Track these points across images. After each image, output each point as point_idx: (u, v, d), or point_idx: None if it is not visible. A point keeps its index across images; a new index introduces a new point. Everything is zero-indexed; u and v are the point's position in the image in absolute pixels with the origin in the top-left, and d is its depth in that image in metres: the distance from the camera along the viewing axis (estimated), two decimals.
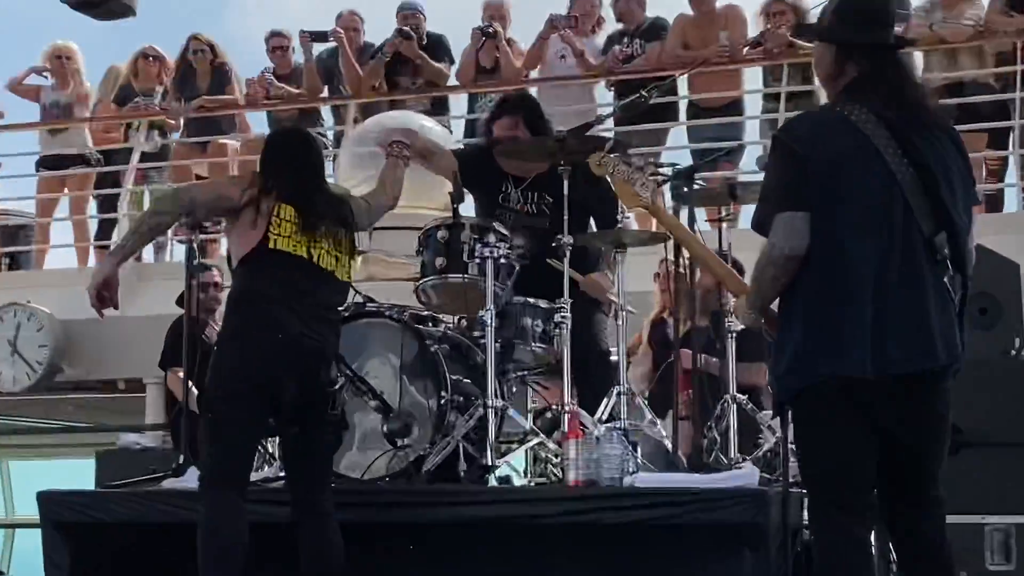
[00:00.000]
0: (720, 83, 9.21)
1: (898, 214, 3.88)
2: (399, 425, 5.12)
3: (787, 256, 3.86)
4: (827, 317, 3.84)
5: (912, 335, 3.83)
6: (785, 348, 3.90)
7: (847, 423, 3.85)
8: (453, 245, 5.41)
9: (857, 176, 3.88)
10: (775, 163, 4.00)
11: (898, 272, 3.85)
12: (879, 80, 3.98)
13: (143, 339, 9.38)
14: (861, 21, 4.04)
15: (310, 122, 10.23)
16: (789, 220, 3.86)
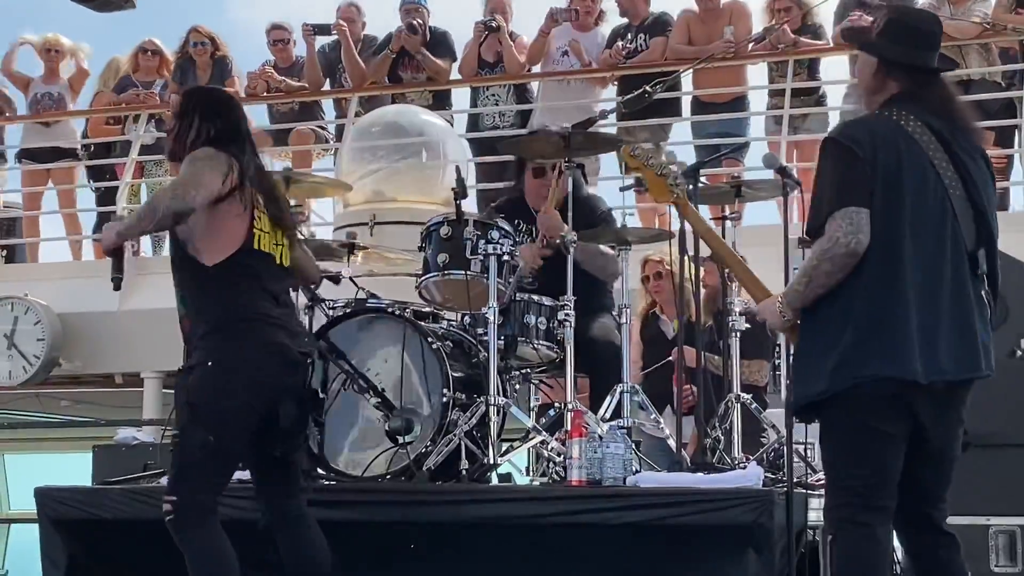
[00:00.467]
0: (724, 79, 9.16)
1: (949, 225, 3.94)
2: (401, 423, 5.07)
3: (849, 251, 3.85)
4: (881, 319, 3.84)
5: (960, 344, 3.89)
6: (830, 348, 3.87)
7: (889, 425, 3.87)
8: (456, 241, 5.36)
9: (913, 183, 3.91)
10: (832, 164, 3.97)
11: (949, 281, 3.90)
12: (923, 96, 4.04)
13: (141, 333, 9.36)
14: (906, 40, 4.09)
15: (311, 115, 10.20)
16: (854, 215, 3.86)
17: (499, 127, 9.50)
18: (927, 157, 3.96)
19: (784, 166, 5.31)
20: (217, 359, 4.26)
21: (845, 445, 3.91)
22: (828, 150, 4.02)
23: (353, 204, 8.80)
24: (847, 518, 3.89)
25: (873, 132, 3.97)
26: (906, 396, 3.84)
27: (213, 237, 4.30)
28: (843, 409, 3.88)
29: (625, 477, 4.76)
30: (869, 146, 3.91)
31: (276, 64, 10.29)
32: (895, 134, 3.96)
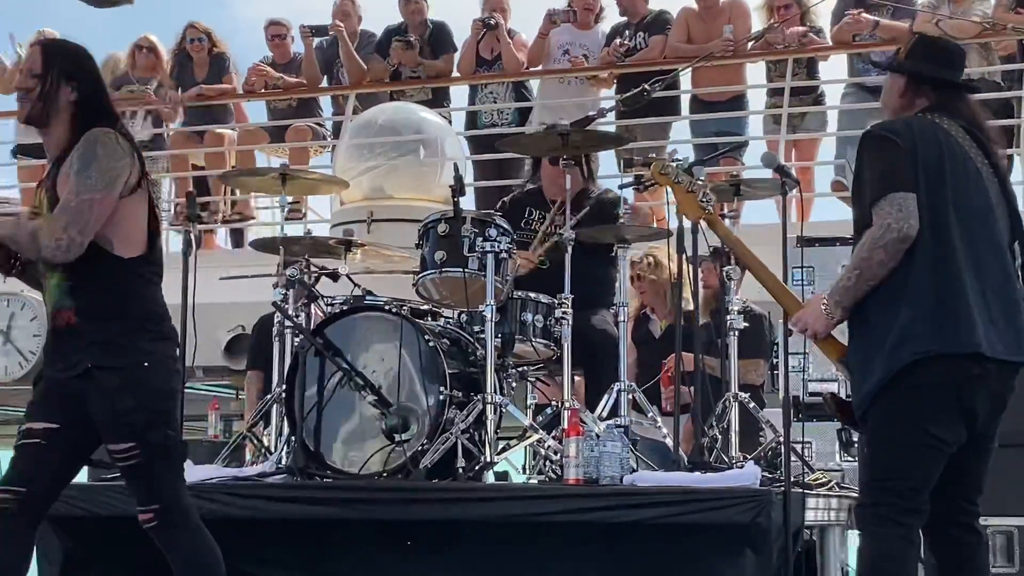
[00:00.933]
0: (723, 77, 9.15)
1: (991, 216, 4.01)
2: (397, 420, 5.06)
3: (902, 236, 3.88)
4: (938, 297, 3.87)
5: (1009, 325, 3.94)
6: (885, 334, 3.88)
7: (944, 431, 3.89)
8: (453, 239, 5.35)
9: (954, 173, 3.98)
10: (875, 155, 4.01)
11: (994, 269, 3.96)
12: (950, 109, 4.13)
13: None
14: (934, 59, 4.21)
15: (309, 112, 10.18)
16: (902, 200, 3.89)
17: (497, 125, 9.49)
18: (965, 151, 4.04)
19: (783, 165, 5.30)
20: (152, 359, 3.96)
21: (896, 447, 3.91)
22: (868, 143, 4.06)
23: (350, 201, 8.79)
24: (887, 517, 3.89)
25: (910, 126, 4.04)
26: (966, 385, 3.85)
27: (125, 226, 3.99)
28: (898, 404, 3.88)
29: (622, 476, 4.74)
30: (908, 138, 3.98)
31: (274, 60, 10.28)
32: (933, 129, 4.04)
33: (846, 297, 4.00)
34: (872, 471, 3.98)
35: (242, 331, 8.89)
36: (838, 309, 4.02)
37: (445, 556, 4.84)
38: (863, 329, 3.99)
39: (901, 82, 4.20)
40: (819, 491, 4.90)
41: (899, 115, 4.18)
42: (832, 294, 4.05)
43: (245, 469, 5.48)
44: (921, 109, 4.14)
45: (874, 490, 3.95)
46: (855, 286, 3.96)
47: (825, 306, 4.05)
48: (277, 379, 5.69)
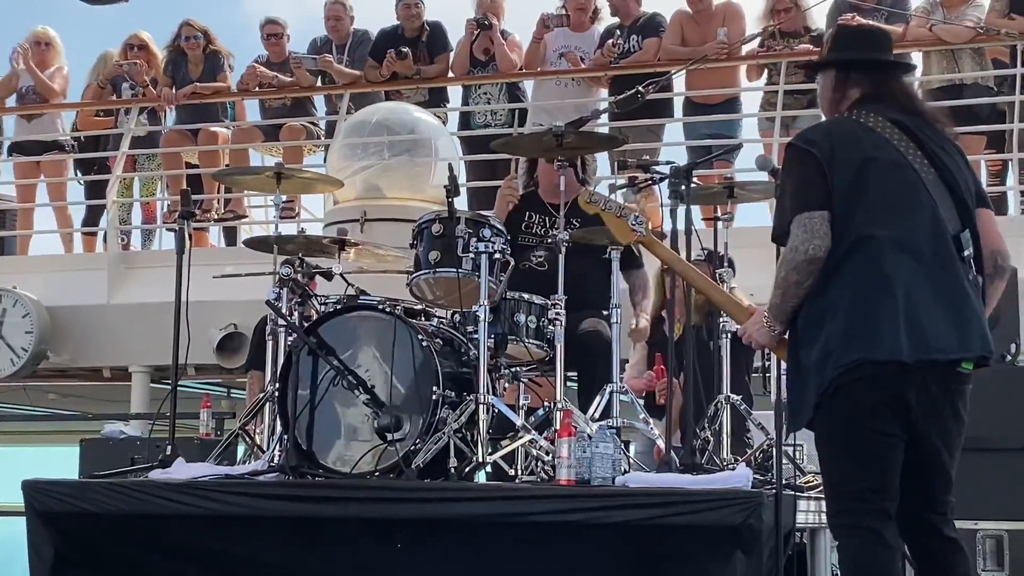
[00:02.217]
0: (717, 80, 9.17)
1: (925, 210, 3.92)
2: (390, 420, 5.06)
3: (809, 258, 3.86)
4: (863, 307, 3.83)
5: (953, 325, 3.85)
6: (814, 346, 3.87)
7: (883, 424, 3.84)
8: (447, 239, 5.36)
9: (880, 174, 3.92)
10: (790, 169, 4.00)
11: (933, 264, 3.87)
12: (884, 94, 4.07)
13: (130, 327, 9.35)
14: (857, 45, 4.18)
15: (303, 111, 10.18)
16: (808, 220, 3.87)
17: (490, 125, 9.51)
18: (892, 146, 3.96)
19: (777, 168, 5.30)
20: None
21: (841, 448, 3.88)
22: (787, 155, 4.04)
23: (344, 200, 8.79)
24: (851, 525, 3.86)
25: (829, 131, 4.01)
26: (896, 384, 3.81)
27: None
28: (835, 409, 3.86)
29: (614, 477, 4.75)
30: (826, 145, 3.93)
31: (268, 59, 10.28)
32: (853, 129, 3.99)
33: (779, 313, 4.00)
34: (828, 478, 3.96)
35: (234, 329, 8.90)
36: (777, 323, 4.02)
37: (436, 556, 4.84)
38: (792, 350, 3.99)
39: (831, 76, 4.14)
40: (810, 493, 4.90)
41: (833, 112, 4.13)
42: (769, 308, 4.05)
43: (237, 467, 5.48)
44: (854, 101, 4.07)
45: (833, 499, 3.93)
46: (781, 304, 3.97)
47: (766, 319, 4.06)
48: (270, 377, 5.70)
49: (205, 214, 10.04)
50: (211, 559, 5.07)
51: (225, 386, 11.11)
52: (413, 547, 4.84)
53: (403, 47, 9.66)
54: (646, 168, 5.71)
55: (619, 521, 4.49)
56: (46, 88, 10.48)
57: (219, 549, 5.05)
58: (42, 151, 10.57)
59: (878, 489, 3.85)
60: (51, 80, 10.53)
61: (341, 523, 4.82)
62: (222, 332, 8.90)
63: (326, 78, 10.16)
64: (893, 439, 3.86)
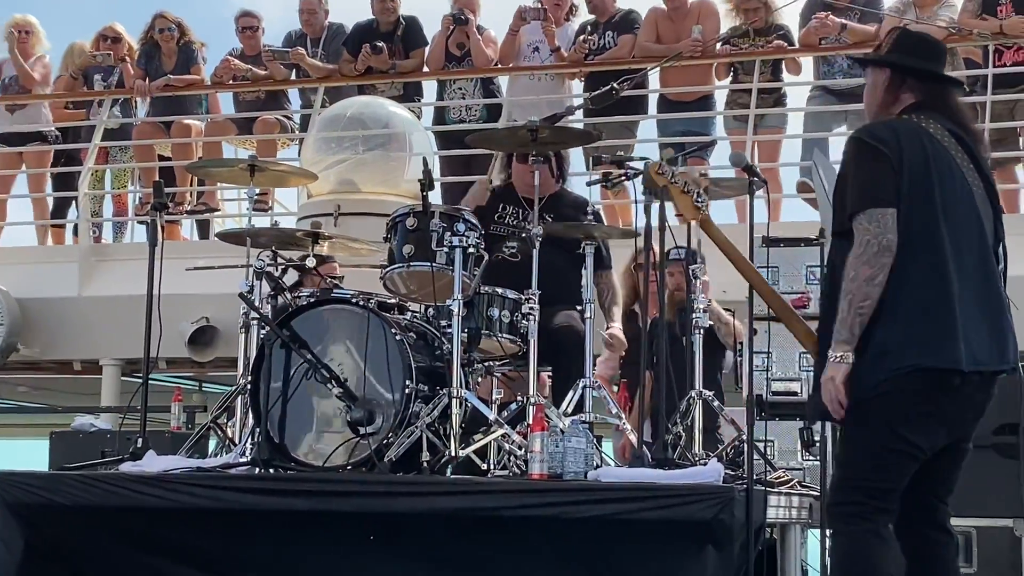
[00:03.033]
0: (691, 77, 9.19)
1: (976, 221, 3.99)
2: (362, 413, 5.06)
3: (882, 248, 3.85)
4: (925, 310, 3.85)
5: (991, 334, 3.92)
6: (868, 343, 3.86)
7: (921, 438, 3.88)
8: (421, 233, 5.35)
9: (941, 178, 3.95)
10: (857, 163, 3.98)
11: (981, 274, 3.94)
12: (938, 105, 4.09)
13: (101, 320, 9.31)
14: (917, 52, 4.17)
15: (277, 104, 10.16)
16: (880, 216, 3.86)
17: (465, 121, 9.51)
18: (950, 155, 4.00)
19: (751, 165, 5.33)
20: None
21: (871, 451, 3.90)
22: (853, 150, 4.02)
23: (318, 194, 8.78)
24: (855, 515, 3.89)
25: (896, 131, 4.00)
26: (944, 397, 3.85)
27: None
28: (878, 411, 3.86)
29: (586, 471, 4.76)
30: (895, 144, 3.93)
31: (243, 52, 10.25)
32: (917, 133, 4.00)
33: (846, 330, 3.90)
34: (845, 471, 3.99)
35: (206, 323, 8.88)
36: (845, 348, 3.90)
37: (408, 549, 4.84)
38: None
39: (885, 76, 4.14)
40: (781, 489, 4.93)
41: (882, 113, 4.13)
42: (837, 338, 3.91)
43: (209, 460, 5.47)
44: (906, 106, 4.10)
45: (845, 489, 3.95)
46: (851, 315, 3.89)
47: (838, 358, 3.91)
48: (242, 370, 5.69)
49: (178, 207, 10.00)
50: (182, 552, 5.05)
51: (196, 380, 11.07)
52: (385, 541, 4.84)
53: (378, 41, 9.65)
54: (620, 164, 5.71)
55: (591, 516, 4.50)
56: (28, 78, 10.41)
57: (190, 542, 5.04)
58: (23, 142, 10.50)
59: (890, 491, 3.91)
60: (32, 70, 10.47)
61: (312, 516, 4.81)
62: (194, 325, 8.87)
63: (300, 72, 10.14)
64: (920, 453, 3.92)
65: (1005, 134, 8.62)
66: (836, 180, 4.09)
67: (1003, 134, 8.58)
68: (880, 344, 3.86)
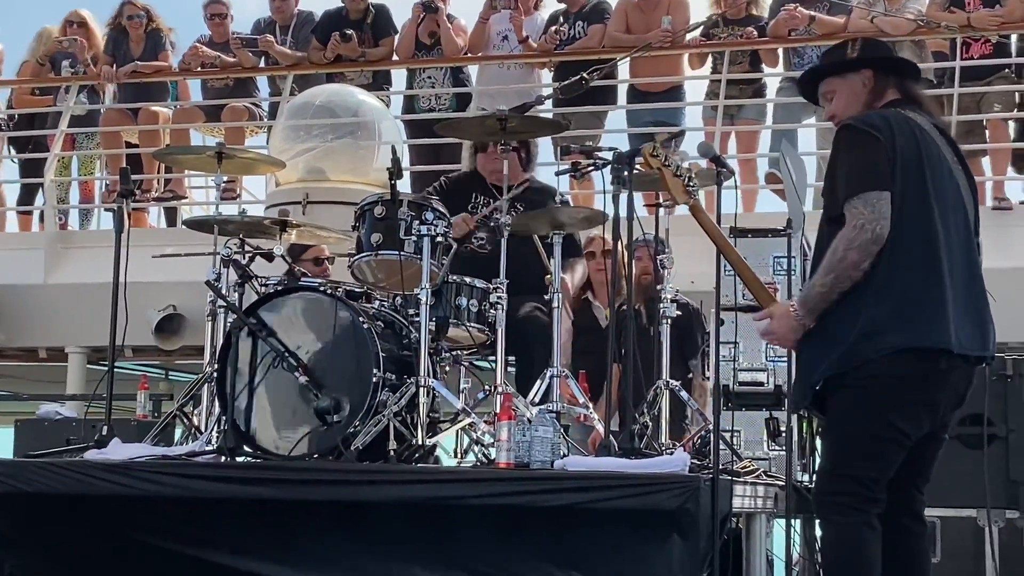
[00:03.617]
0: (661, 68, 9.20)
1: (961, 210, 4.04)
2: (329, 402, 5.04)
3: (875, 238, 3.88)
4: (918, 298, 3.88)
5: (978, 322, 3.97)
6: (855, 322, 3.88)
7: (910, 426, 3.92)
8: (390, 222, 5.34)
9: (932, 169, 3.99)
10: (851, 148, 4.00)
11: (968, 262, 3.99)
12: (917, 100, 4.16)
13: (67, 307, 9.26)
14: (886, 51, 4.32)
15: (245, 92, 10.12)
16: (875, 200, 3.88)
17: (435, 109, 9.49)
18: (937, 145, 4.06)
19: (719, 155, 5.33)
20: None
21: (860, 438, 3.94)
22: (845, 136, 4.04)
23: (286, 182, 8.76)
24: (846, 505, 3.93)
25: (887, 119, 4.03)
26: (934, 382, 3.89)
27: None
28: (869, 399, 3.90)
29: (553, 461, 4.76)
30: (887, 131, 3.97)
31: (212, 39, 10.20)
32: (907, 122, 4.04)
33: (820, 303, 3.97)
34: (833, 460, 4.02)
35: (173, 311, 8.84)
36: (811, 315, 4.00)
37: (374, 538, 4.84)
38: (819, 325, 4.00)
39: (867, 76, 4.18)
40: (747, 479, 4.94)
41: (868, 109, 4.15)
42: (805, 301, 4.02)
43: (174, 448, 5.45)
44: (888, 102, 4.13)
45: (835, 479, 3.98)
46: (829, 291, 3.94)
47: (796, 313, 4.03)
48: (209, 358, 5.67)
49: (145, 194, 9.96)
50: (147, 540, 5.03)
51: (163, 368, 11.03)
52: (351, 529, 4.83)
53: (347, 29, 9.62)
54: (589, 154, 5.71)
55: (557, 504, 4.50)
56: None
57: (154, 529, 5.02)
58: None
59: (879, 480, 3.95)
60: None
61: (278, 505, 4.79)
62: (160, 313, 8.84)
63: (269, 59, 10.11)
64: (908, 441, 3.96)
65: (972, 127, 8.67)
66: (827, 168, 4.12)
67: (970, 127, 8.64)
68: (870, 323, 3.88)
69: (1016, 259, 7.83)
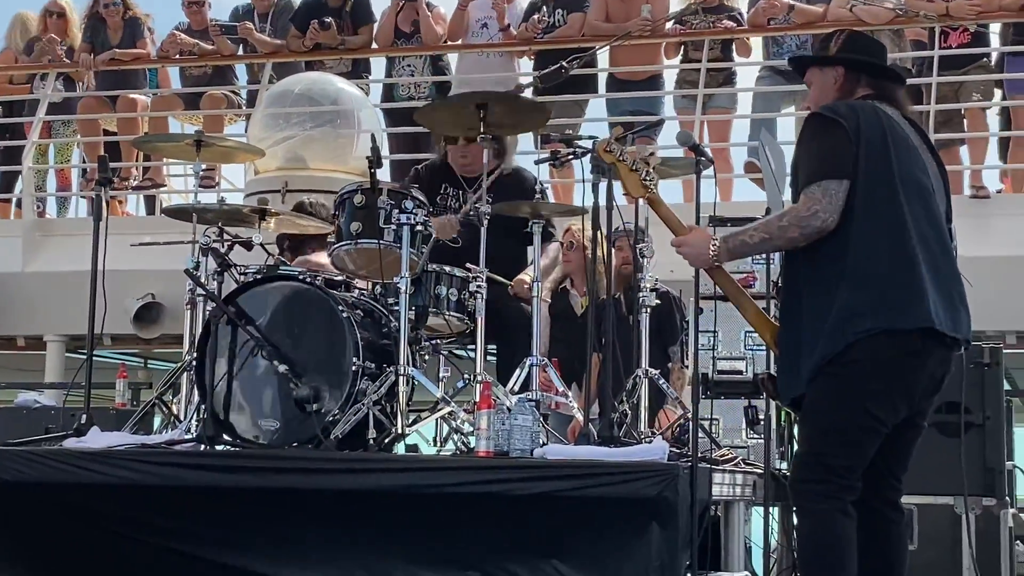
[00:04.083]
0: (640, 57, 9.21)
1: (931, 197, 4.06)
2: (308, 391, 5.04)
3: (823, 228, 3.93)
4: (886, 275, 3.91)
5: (951, 305, 3.99)
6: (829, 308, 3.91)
7: (887, 414, 3.95)
8: (369, 210, 5.33)
9: (899, 155, 4.02)
10: (813, 135, 4.05)
11: (936, 246, 4.01)
12: (890, 99, 4.18)
13: (45, 295, 9.22)
14: (865, 51, 4.29)
15: (224, 79, 10.09)
16: (834, 188, 3.93)
17: (414, 97, 9.48)
18: (906, 134, 4.09)
19: (698, 144, 5.34)
20: None
21: (836, 425, 3.96)
22: (810, 123, 4.10)
23: (265, 170, 8.74)
24: (822, 493, 3.95)
25: (854, 108, 4.08)
26: (907, 364, 3.90)
27: None
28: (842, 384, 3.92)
29: (532, 449, 4.77)
30: (852, 118, 4.01)
31: (190, 26, 10.17)
32: (875, 111, 4.08)
33: (740, 251, 4.12)
34: (811, 447, 4.03)
35: (152, 299, 8.82)
36: (726, 255, 4.11)
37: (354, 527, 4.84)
38: (797, 310, 4.03)
39: (838, 73, 4.22)
40: (725, 467, 4.96)
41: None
42: (728, 239, 4.11)
43: (153, 437, 5.44)
44: (861, 96, 4.17)
45: (810, 465, 4.00)
46: (754, 248, 4.09)
47: (714, 246, 4.12)
48: (188, 347, 5.66)
49: (123, 182, 9.92)
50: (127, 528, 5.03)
51: (142, 356, 11.01)
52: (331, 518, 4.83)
53: (326, 17, 9.60)
54: (568, 143, 5.72)
55: (537, 492, 4.51)
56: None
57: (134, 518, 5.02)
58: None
59: (856, 468, 3.97)
60: None
61: (258, 493, 4.79)
62: (139, 302, 8.82)
63: (248, 47, 10.08)
64: (884, 428, 3.98)
65: (950, 116, 8.70)
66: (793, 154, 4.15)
67: (948, 116, 8.67)
68: (848, 307, 3.91)
69: (994, 247, 7.86)
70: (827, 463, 3.96)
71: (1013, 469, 6.08)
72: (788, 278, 4.15)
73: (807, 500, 4.01)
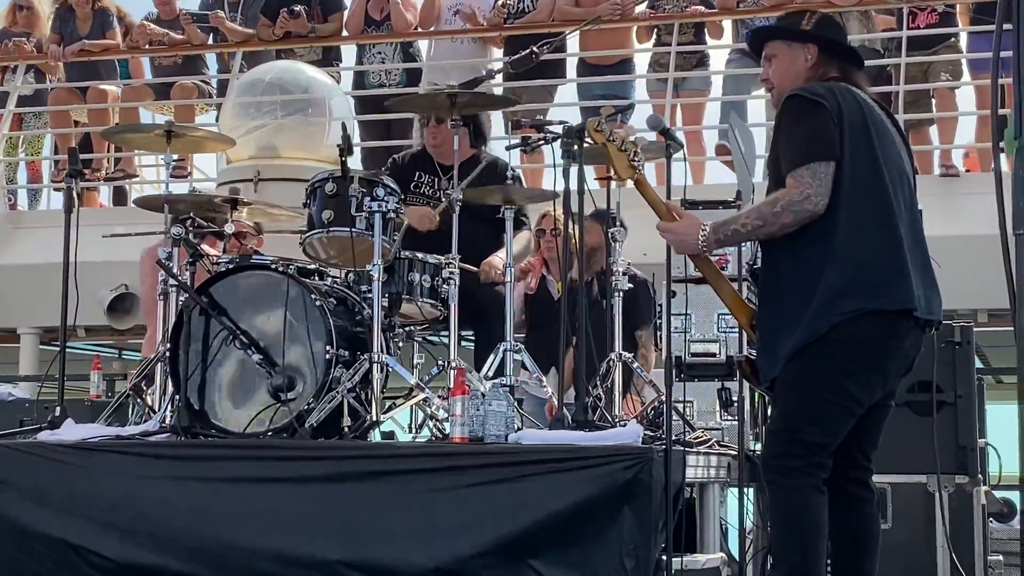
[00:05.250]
0: (610, 41, 9.21)
1: (905, 177, 4.09)
2: (283, 379, 5.05)
3: (815, 211, 3.93)
4: (871, 256, 3.93)
5: (930, 287, 4.03)
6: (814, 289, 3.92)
7: (864, 393, 3.97)
8: (341, 198, 5.33)
9: (879, 139, 4.03)
10: (799, 118, 4.03)
11: (913, 228, 4.04)
12: (857, 81, 4.19)
13: (17, 288, 9.19)
14: (838, 32, 4.31)
15: (194, 69, 10.05)
16: (824, 171, 3.93)
17: (385, 85, 9.47)
18: (880, 118, 4.11)
19: (668, 128, 5.35)
20: None
21: (814, 403, 3.97)
22: (792, 105, 4.07)
23: (237, 160, 8.72)
24: (794, 468, 3.96)
25: (832, 89, 4.08)
26: (886, 344, 3.92)
27: None
28: (821, 363, 3.93)
29: (507, 434, 4.79)
30: (832, 99, 4.01)
31: (159, 17, 10.12)
32: (851, 92, 4.09)
33: (732, 240, 4.12)
34: (785, 423, 4.04)
35: (125, 290, 8.80)
36: (715, 245, 4.12)
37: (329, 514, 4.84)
38: (778, 290, 4.04)
39: (811, 51, 4.19)
40: (700, 449, 4.98)
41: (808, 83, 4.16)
42: (718, 228, 4.10)
43: (128, 428, 5.43)
44: (830, 77, 4.16)
45: (784, 441, 4.01)
46: (747, 235, 4.05)
47: (703, 234, 4.12)
48: (161, 337, 5.65)
49: (94, 173, 9.89)
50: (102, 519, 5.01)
51: (116, 348, 10.97)
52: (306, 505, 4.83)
53: (296, 5, 9.57)
54: (539, 128, 5.72)
55: (511, 477, 4.53)
56: None
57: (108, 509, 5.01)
58: None
59: (828, 446, 3.98)
60: None
61: (233, 482, 4.79)
62: (113, 293, 8.79)
63: (218, 36, 10.04)
64: (860, 409, 4.00)
65: (918, 96, 8.74)
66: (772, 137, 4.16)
67: (916, 96, 8.71)
68: (833, 286, 3.92)
69: (963, 227, 7.89)
70: (802, 439, 3.97)
71: (986, 447, 6.11)
72: (768, 259, 4.14)
73: (780, 475, 4.02)
